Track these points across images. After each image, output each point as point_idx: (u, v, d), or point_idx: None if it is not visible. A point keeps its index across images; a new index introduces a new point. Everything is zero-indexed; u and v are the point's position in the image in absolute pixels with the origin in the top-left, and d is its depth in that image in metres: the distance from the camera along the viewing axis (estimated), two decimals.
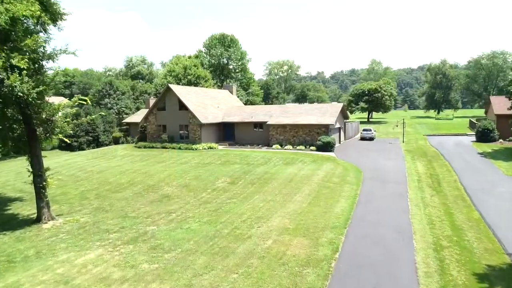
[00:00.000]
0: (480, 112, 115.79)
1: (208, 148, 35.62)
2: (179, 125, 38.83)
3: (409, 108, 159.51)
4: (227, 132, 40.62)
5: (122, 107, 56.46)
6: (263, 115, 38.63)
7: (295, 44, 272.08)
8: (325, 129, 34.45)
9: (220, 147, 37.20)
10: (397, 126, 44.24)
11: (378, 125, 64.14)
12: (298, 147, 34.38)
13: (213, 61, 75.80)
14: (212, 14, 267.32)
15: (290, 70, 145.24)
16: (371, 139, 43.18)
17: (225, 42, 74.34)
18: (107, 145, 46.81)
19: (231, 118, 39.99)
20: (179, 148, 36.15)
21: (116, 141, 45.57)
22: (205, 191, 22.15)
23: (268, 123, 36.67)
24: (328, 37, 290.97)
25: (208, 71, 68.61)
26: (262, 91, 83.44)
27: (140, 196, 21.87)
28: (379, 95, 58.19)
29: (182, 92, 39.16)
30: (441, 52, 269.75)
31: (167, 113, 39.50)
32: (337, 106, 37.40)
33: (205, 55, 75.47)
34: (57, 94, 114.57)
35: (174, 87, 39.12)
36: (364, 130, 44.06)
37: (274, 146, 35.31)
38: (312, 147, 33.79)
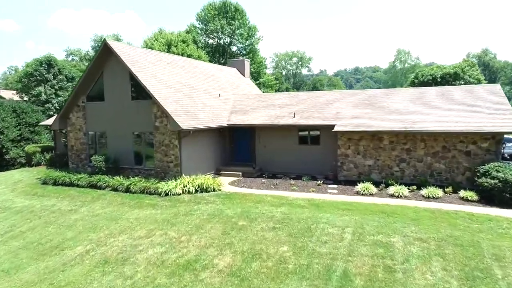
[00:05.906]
0: None
1: (196, 191, 14.67)
2: (133, 133, 17.69)
3: None
4: (239, 147, 19.80)
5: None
6: (319, 112, 17.90)
7: (295, 44, 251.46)
8: (493, 144, 13.87)
9: (226, 182, 16.46)
10: None
11: None
12: (425, 192, 13.37)
13: (211, 40, 55.29)
14: None
15: (300, 63, 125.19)
16: None
17: (227, 13, 53.84)
18: (23, 165, 26.13)
19: (247, 117, 19.18)
20: (128, 190, 15.05)
21: (29, 160, 24.85)
22: None
23: (336, 129, 15.92)
24: (328, 36, 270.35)
25: (204, 52, 48.23)
26: (277, 82, 62.90)
27: None
28: (462, 83, 37.92)
29: (139, 58, 17.99)
30: (441, 51, 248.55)
31: (107, 106, 18.16)
32: (494, 89, 16.56)
33: (199, 31, 54.83)
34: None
35: (120, 46, 17.68)
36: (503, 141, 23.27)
37: (361, 187, 14.05)
38: (463, 192, 13.07)
